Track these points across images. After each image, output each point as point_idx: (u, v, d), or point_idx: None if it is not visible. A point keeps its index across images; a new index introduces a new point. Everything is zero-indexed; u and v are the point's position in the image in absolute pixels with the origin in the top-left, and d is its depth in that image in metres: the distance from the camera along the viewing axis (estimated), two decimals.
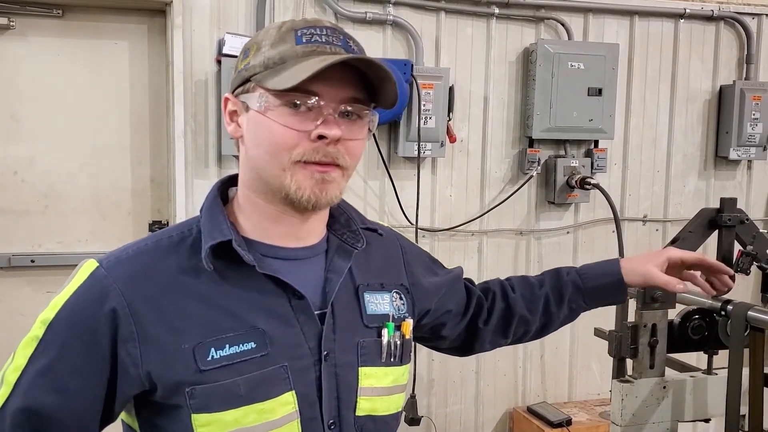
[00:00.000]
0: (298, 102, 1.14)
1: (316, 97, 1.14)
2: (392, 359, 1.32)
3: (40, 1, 3.28)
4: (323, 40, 1.16)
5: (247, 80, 1.18)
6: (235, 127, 1.23)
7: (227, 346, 1.15)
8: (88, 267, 1.17)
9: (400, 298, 1.39)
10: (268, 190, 1.20)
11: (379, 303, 1.34)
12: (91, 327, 1.13)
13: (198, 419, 1.14)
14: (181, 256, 1.20)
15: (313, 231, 1.28)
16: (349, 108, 1.17)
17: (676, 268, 1.61)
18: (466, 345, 1.65)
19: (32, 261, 3.39)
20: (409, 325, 1.37)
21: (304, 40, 1.16)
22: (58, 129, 3.41)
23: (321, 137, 1.14)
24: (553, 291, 1.63)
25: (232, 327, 1.17)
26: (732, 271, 1.64)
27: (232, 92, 1.23)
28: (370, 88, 1.20)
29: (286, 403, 1.18)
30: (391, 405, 1.33)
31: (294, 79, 1.11)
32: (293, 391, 1.19)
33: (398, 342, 1.33)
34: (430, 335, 1.58)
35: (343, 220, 1.35)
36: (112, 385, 1.15)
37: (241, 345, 1.16)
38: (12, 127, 3.36)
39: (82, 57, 3.41)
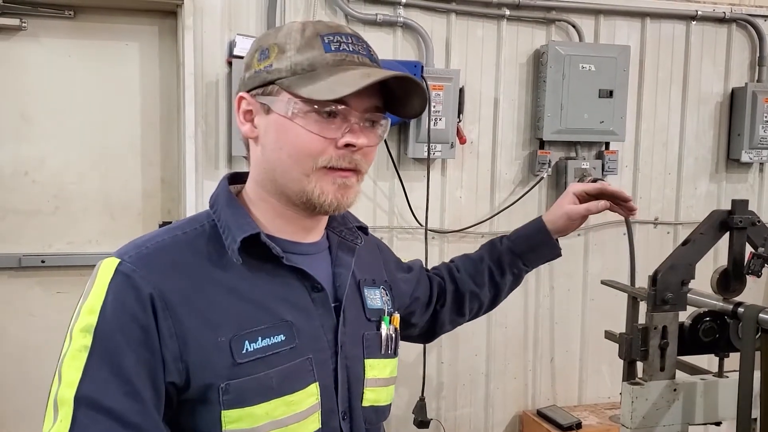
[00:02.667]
0: (328, 110, 1.16)
1: (345, 106, 1.16)
2: (389, 351, 1.37)
3: (52, 2, 3.30)
4: (350, 49, 1.18)
5: (270, 83, 1.18)
6: (251, 127, 1.23)
7: (260, 338, 1.17)
8: (111, 264, 1.14)
9: (386, 294, 1.44)
10: (281, 191, 1.22)
11: (375, 298, 1.39)
12: (140, 321, 1.10)
13: (229, 415, 1.14)
14: (202, 250, 1.20)
15: (319, 228, 1.32)
16: (371, 116, 1.20)
17: (584, 200, 1.77)
18: (430, 330, 1.77)
19: (42, 261, 3.41)
20: (397, 318, 1.43)
21: (332, 48, 1.17)
22: (68, 130, 3.42)
23: (347, 145, 1.17)
24: (493, 263, 1.79)
25: (263, 319, 1.18)
26: (630, 200, 1.73)
27: (248, 92, 1.22)
28: (388, 95, 1.22)
29: (311, 394, 1.21)
30: (389, 396, 1.39)
31: (334, 92, 1.12)
32: (317, 383, 1.21)
33: (393, 335, 1.39)
34: (402, 326, 1.60)
35: (339, 218, 1.40)
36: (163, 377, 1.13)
37: (272, 337, 1.18)
38: (23, 127, 3.38)
39: (93, 58, 3.42)
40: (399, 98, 1.22)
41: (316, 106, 1.15)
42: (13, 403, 3.38)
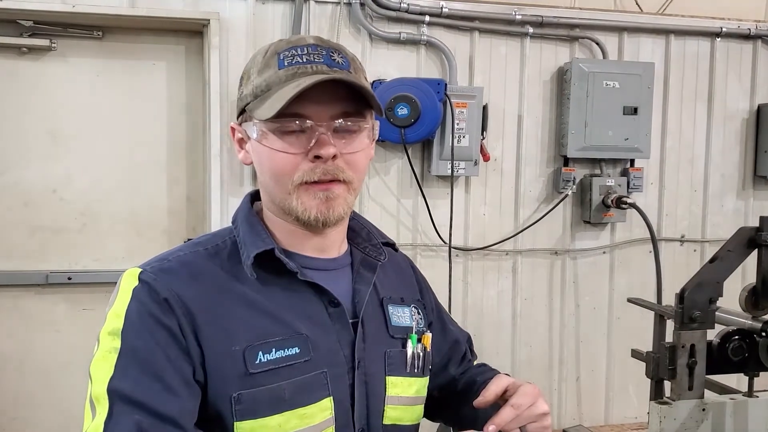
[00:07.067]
0: (290, 127, 1.16)
1: (306, 119, 1.16)
2: (416, 370, 1.35)
3: (81, 23, 3.35)
4: (304, 60, 1.18)
5: (243, 110, 1.22)
6: (245, 154, 1.27)
7: (273, 350, 1.17)
8: (133, 273, 1.18)
9: (418, 313, 1.42)
10: (281, 211, 1.24)
11: (401, 316, 1.37)
12: (163, 323, 1.13)
13: (242, 427, 1.15)
14: (221, 265, 1.22)
15: (334, 243, 1.31)
16: (341, 123, 1.18)
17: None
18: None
19: (69, 278, 3.44)
20: (429, 338, 1.39)
21: (285, 63, 1.18)
22: (96, 148, 3.47)
23: (317, 157, 1.17)
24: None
25: (278, 332, 1.19)
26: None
27: (237, 119, 1.26)
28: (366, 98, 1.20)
29: (325, 408, 1.20)
30: (414, 415, 1.36)
31: (273, 108, 1.13)
32: (331, 397, 1.21)
33: (421, 354, 1.36)
34: None
35: (364, 234, 1.39)
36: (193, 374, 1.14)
37: (286, 350, 1.18)
38: (51, 146, 3.43)
39: (120, 77, 3.47)
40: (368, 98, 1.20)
41: (278, 126, 1.16)
42: (39, 417, 3.41)
